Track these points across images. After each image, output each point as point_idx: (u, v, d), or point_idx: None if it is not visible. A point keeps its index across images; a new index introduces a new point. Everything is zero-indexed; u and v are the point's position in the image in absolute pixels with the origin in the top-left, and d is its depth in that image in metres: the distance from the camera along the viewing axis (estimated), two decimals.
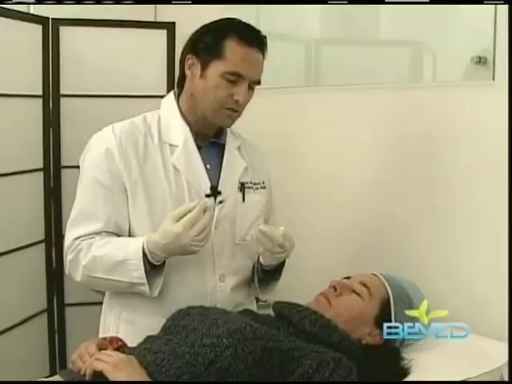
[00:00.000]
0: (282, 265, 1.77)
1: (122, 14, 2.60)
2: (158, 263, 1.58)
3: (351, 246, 2.23)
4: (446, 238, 1.95)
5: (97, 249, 1.59)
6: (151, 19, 2.85)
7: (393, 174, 2.09)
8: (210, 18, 1.65)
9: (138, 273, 1.56)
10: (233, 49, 1.58)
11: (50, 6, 2.54)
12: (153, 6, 2.88)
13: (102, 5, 2.62)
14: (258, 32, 1.63)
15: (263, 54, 1.63)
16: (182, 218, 1.51)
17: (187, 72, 1.65)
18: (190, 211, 1.51)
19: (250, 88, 1.63)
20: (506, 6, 1.72)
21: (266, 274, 1.78)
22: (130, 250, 1.56)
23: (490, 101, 1.81)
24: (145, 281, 1.56)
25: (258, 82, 1.64)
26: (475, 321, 1.83)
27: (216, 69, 1.59)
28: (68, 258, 1.64)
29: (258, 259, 1.75)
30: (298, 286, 1.81)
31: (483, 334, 1.79)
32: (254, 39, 1.60)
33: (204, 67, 1.60)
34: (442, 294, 1.88)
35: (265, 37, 1.64)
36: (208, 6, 2.35)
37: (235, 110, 1.63)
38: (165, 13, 2.83)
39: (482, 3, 1.78)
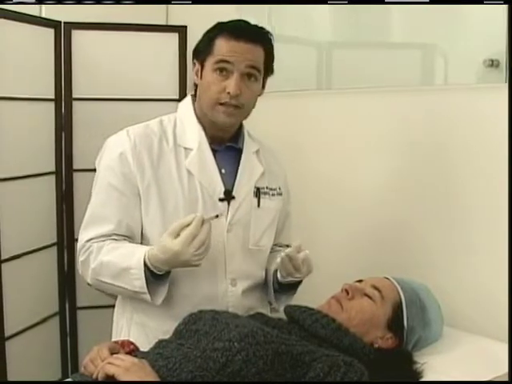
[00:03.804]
0: (298, 282, 1.76)
1: (133, 17, 2.62)
2: (160, 273, 1.58)
3: (363, 249, 2.22)
4: (456, 242, 1.94)
5: (105, 253, 1.60)
6: (163, 23, 2.86)
7: (404, 178, 2.08)
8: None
9: (139, 282, 1.56)
10: (220, 43, 1.59)
11: (61, 9, 2.55)
12: (165, 9, 2.90)
13: (112, 9, 2.63)
14: (248, 25, 1.64)
15: (262, 47, 1.62)
16: (180, 232, 1.49)
17: (194, 77, 1.68)
18: (187, 225, 1.49)
19: (250, 78, 1.61)
20: None
21: (282, 288, 1.78)
22: (133, 259, 1.56)
23: (503, 103, 1.79)
24: (145, 290, 1.56)
25: (256, 68, 1.61)
26: (485, 324, 1.83)
27: (208, 65, 1.61)
28: (80, 259, 1.66)
29: (275, 273, 1.75)
30: (310, 290, 1.80)
31: (493, 337, 1.78)
32: (242, 32, 1.60)
33: (202, 68, 1.64)
34: (453, 297, 1.87)
35: (268, 32, 1.65)
36: (220, 10, 2.36)
37: (231, 105, 1.61)
38: (176, 16, 2.84)
39: (482, 3, 1.77)
